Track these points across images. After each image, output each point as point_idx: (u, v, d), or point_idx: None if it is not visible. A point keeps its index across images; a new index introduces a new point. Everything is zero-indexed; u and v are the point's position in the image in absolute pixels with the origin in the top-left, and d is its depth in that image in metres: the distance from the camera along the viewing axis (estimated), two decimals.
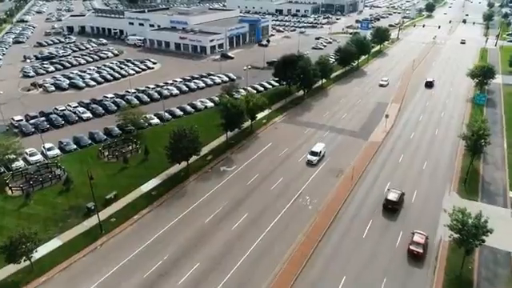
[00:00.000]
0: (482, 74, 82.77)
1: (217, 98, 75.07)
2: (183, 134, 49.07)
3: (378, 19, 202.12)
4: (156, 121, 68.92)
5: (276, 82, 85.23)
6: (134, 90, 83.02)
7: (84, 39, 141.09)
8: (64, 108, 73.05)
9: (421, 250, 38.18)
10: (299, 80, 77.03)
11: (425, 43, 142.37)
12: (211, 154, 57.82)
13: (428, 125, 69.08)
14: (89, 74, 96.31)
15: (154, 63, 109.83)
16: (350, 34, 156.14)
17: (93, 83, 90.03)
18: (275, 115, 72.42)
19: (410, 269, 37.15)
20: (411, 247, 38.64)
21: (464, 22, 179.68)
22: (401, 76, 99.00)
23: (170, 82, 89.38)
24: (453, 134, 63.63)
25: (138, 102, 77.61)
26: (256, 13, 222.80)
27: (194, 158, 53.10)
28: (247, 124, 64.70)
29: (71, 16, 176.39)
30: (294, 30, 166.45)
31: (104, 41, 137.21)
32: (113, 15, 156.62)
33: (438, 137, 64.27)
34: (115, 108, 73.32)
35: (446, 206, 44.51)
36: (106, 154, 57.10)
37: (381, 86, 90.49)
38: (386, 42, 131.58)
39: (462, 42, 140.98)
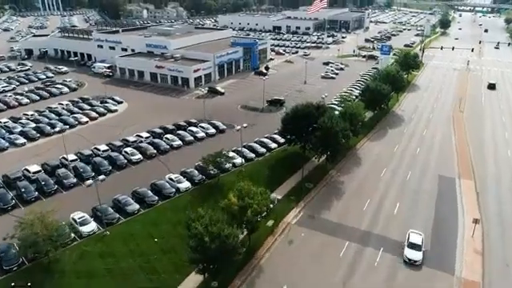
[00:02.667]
0: None
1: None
2: None
3: (389, 38, 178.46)
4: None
5: (283, 137, 58.61)
6: (72, 157, 55.88)
7: (43, 66, 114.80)
8: None
9: None
10: (321, 145, 50.67)
11: (457, 69, 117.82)
12: None
13: None
14: (21, 123, 69.36)
15: (119, 103, 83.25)
16: (363, 57, 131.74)
17: (21, 141, 62.96)
18: (287, 207, 45.59)
19: None
20: None
21: (497, 44, 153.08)
22: (451, 123, 73.10)
23: (132, 138, 62.53)
24: None
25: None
26: (251, 30, 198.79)
27: None
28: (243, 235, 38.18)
29: (34, 36, 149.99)
30: (297, 52, 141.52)
31: (64, 69, 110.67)
32: (81, 36, 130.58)
33: None
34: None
35: None
36: None
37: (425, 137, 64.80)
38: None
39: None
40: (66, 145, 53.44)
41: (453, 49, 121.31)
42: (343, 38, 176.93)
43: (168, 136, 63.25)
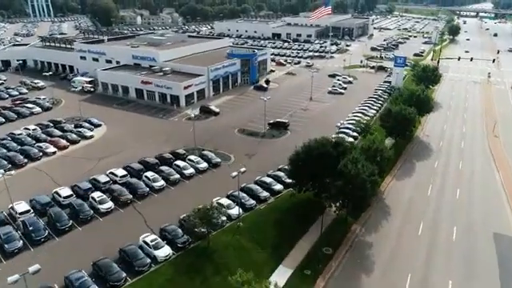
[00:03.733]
0: None
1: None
2: None
3: (397, 46, 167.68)
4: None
5: (292, 181, 46.73)
6: (24, 207, 43.87)
7: (23, 79, 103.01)
8: None
9: None
10: (343, 196, 38.87)
11: (477, 83, 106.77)
12: None
13: None
14: None
15: (97, 126, 71.52)
16: (372, 68, 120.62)
17: None
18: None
19: None
20: None
21: None
22: (488, 153, 61.40)
23: (104, 178, 50.56)
24: None
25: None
26: (249, 37, 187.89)
27: None
28: None
29: (13, 45, 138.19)
30: (299, 63, 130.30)
31: (41, 83, 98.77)
32: (63, 46, 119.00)
33: None
34: None
35: None
36: None
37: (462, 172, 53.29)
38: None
39: None
40: (17, 187, 41.62)
41: (471, 60, 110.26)
42: (347, 46, 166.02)
43: (149, 174, 51.31)
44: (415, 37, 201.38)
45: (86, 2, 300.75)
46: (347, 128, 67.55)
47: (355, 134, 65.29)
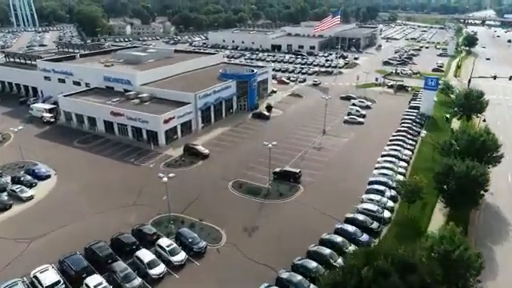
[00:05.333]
0: None
1: None
2: None
3: (410, 58, 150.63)
4: None
5: None
6: None
7: None
8: None
9: None
10: None
11: None
12: None
13: None
14: None
15: (44, 178, 53.30)
16: (390, 87, 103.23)
17: None
18: None
19: None
20: None
21: None
22: None
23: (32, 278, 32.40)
24: None
25: None
26: (246, 49, 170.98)
27: None
28: None
29: None
30: (304, 81, 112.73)
31: None
32: (28, 62, 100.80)
33: None
34: None
35: None
36: None
37: None
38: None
39: None
40: None
41: (510, 78, 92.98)
42: (355, 59, 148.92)
43: (93, 283, 32.97)
44: (427, 47, 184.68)
45: (74, 10, 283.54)
46: (380, 183, 49.72)
47: (393, 192, 47.54)
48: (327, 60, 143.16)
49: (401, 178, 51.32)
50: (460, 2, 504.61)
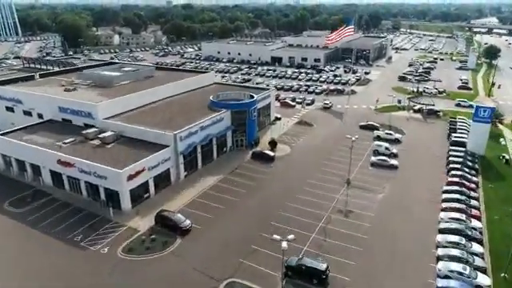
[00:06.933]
0: None
1: None
2: None
3: (429, 73, 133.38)
4: None
5: None
6: None
7: None
8: None
9: None
10: None
11: None
12: None
13: None
14: None
15: None
16: (418, 111, 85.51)
17: None
18: None
19: None
20: None
21: None
22: None
23: None
24: None
25: None
26: (243, 62, 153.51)
27: None
28: None
29: None
30: (313, 103, 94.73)
31: None
32: None
33: None
34: None
35: None
36: None
37: None
38: None
39: None
40: None
41: None
42: (366, 73, 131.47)
43: None
44: (442, 59, 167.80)
45: (57, 19, 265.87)
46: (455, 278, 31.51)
47: None
48: (335, 75, 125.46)
49: (483, 278, 33.09)
50: (461, 9, 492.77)
